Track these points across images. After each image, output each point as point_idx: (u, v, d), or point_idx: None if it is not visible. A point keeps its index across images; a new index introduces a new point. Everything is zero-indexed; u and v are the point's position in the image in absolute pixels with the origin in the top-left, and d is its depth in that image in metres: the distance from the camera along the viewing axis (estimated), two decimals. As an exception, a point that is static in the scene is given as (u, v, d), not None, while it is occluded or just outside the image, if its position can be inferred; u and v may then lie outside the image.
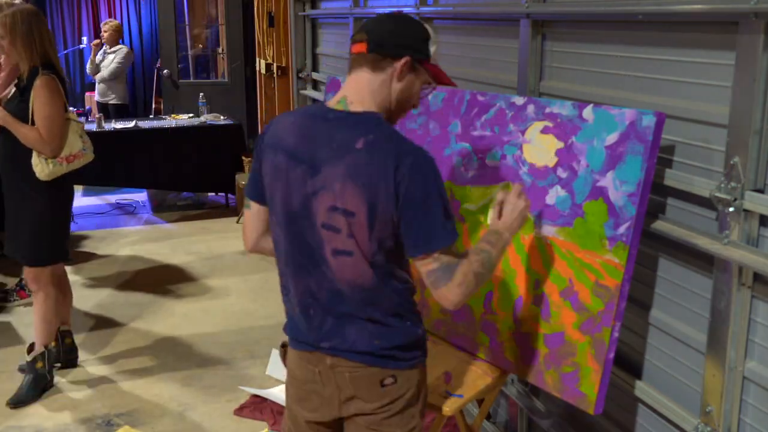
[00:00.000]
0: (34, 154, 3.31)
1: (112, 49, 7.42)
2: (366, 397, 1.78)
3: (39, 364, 3.53)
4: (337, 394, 1.80)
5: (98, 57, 7.45)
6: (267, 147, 1.77)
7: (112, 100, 7.42)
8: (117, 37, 7.51)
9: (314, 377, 1.82)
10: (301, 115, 1.79)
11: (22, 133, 3.28)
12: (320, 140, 1.68)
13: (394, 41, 1.71)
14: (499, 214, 1.88)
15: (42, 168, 3.31)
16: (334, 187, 1.64)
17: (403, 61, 1.70)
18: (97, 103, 7.61)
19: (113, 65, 7.29)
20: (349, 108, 1.71)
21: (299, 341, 1.84)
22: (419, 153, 1.63)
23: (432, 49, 1.75)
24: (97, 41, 7.55)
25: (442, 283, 1.65)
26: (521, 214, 1.86)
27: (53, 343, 3.59)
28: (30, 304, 4.41)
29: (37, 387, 3.52)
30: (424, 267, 1.66)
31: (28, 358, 3.54)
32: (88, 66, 7.60)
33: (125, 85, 7.63)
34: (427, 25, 1.79)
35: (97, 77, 7.41)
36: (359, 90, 1.73)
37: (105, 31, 7.44)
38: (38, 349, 3.54)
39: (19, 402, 3.46)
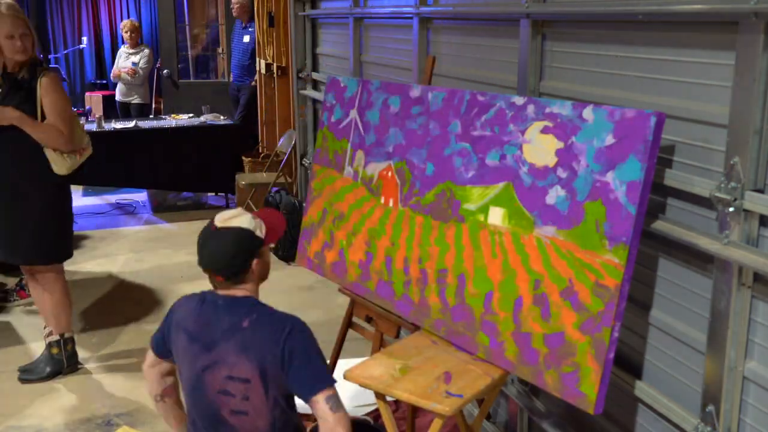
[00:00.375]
0: (49, 151, 3.31)
1: (135, 50, 7.51)
2: None
3: (54, 350, 3.58)
4: None
5: (119, 58, 7.58)
6: (174, 327, 2.20)
7: (135, 99, 7.55)
8: (138, 37, 7.61)
9: None
10: (197, 301, 2.17)
11: (42, 130, 3.27)
12: (213, 323, 2.07)
13: (239, 263, 2.07)
14: None
15: (62, 163, 3.34)
16: (228, 360, 2.01)
17: (254, 264, 2.08)
18: (118, 102, 7.74)
19: (143, 65, 7.42)
20: (232, 295, 2.10)
21: None
22: (289, 320, 2.03)
23: (258, 232, 2.10)
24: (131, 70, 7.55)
25: (340, 411, 1.97)
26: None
27: (68, 333, 3.64)
28: (30, 304, 4.43)
29: (49, 365, 3.57)
30: (319, 404, 1.97)
31: (46, 341, 3.62)
32: (113, 72, 7.75)
33: (147, 84, 7.73)
34: (242, 222, 2.10)
35: (123, 82, 7.51)
36: (232, 292, 2.11)
37: (126, 31, 7.56)
38: (55, 336, 3.59)
39: (26, 371, 3.56)
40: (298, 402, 2.10)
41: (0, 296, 4.60)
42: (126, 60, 7.55)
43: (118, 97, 7.76)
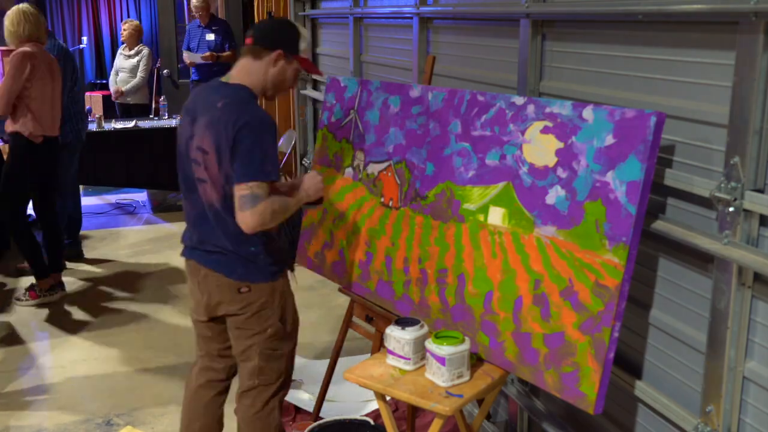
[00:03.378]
0: None
1: (133, 50, 7.31)
2: (228, 301, 2.37)
3: None
4: (209, 299, 2.40)
5: (117, 60, 7.44)
6: (183, 108, 2.44)
7: (134, 99, 7.36)
8: (138, 38, 7.38)
9: (196, 287, 2.43)
10: (203, 85, 2.42)
11: None
12: (202, 101, 2.32)
13: (271, 37, 2.34)
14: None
15: None
16: (200, 133, 2.26)
17: (277, 52, 2.31)
18: (117, 104, 7.53)
19: (142, 71, 7.25)
20: (228, 81, 2.34)
21: (186, 248, 2.47)
22: (257, 116, 2.22)
23: (302, 45, 2.37)
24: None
25: (246, 207, 2.17)
26: (317, 186, 2.44)
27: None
28: (40, 306, 4.47)
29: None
30: (239, 192, 2.18)
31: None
32: (111, 77, 7.54)
33: (147, 84, 7.60)
34: (301, 28, 2.41)
35: (120, 84, 7.33)
36: (240, 71, 2.34)
37: (125, 30, 7.36)
38: None
39: None
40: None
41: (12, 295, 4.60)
42: (124, 61, 7.38)
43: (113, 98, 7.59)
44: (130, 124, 6.60)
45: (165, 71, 8.47)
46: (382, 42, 4.18)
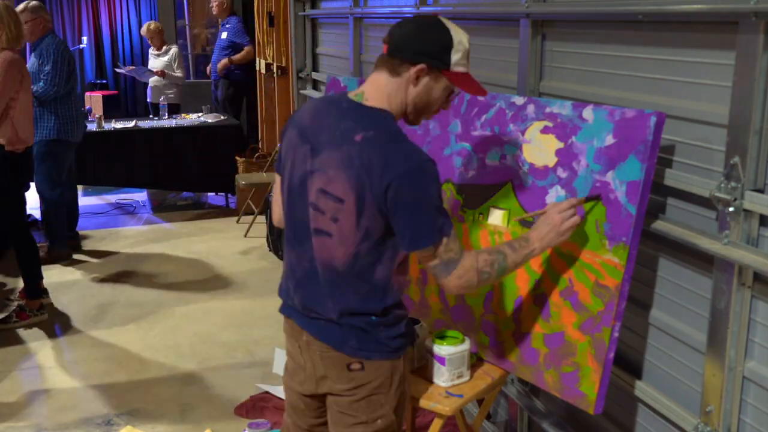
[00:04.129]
0: None
1: (163, 50, 7.45)
2: (335, 378, 1.88)
3: None
4: (313, 370, 1.92)
5: (150, 61, 7.57)
6: (290, 123, 1.92)
7: (169, 100, 7.37)
8: (162, 38, 7.50)
9: (297, 351, 1.96)
10: (323, 98, 1.91)
11: None
12: (327, 125, 1.78)
13: (412, 47, 1.76)
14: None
15: None
16: (328, 172, 1.75)
17: (418, 68, 1.75)
18: (150, 104, 7.64)
19: (177, 68, 7.38)
20: (364, 102, 1.79)
21: (285, 305, 2.00)
22: (414, 157, 1.70)
23: (455, 57, 1.77)
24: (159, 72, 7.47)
25: (442, 276, 1.77)
26: (557, 231, 1.92)
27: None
28: (33, 325, 4.29)
29: None
30: (426, 262, 1.77)
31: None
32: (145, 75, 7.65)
33: (180, 84, 7.66)
34: (455, 31, 1.78)
35: (152, 79, 7.45)
36: (377, 89, 1.80)
37: (149, 36, 7.44)
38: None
39: None
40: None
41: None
42: (155, 60, 7.49)
43: (149, 99, 7.68)
44: (130, 124, 6.60)
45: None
46: (379, 43, 4.17)
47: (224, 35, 7.45)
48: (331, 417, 1.94)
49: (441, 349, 2.17)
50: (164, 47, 7.47)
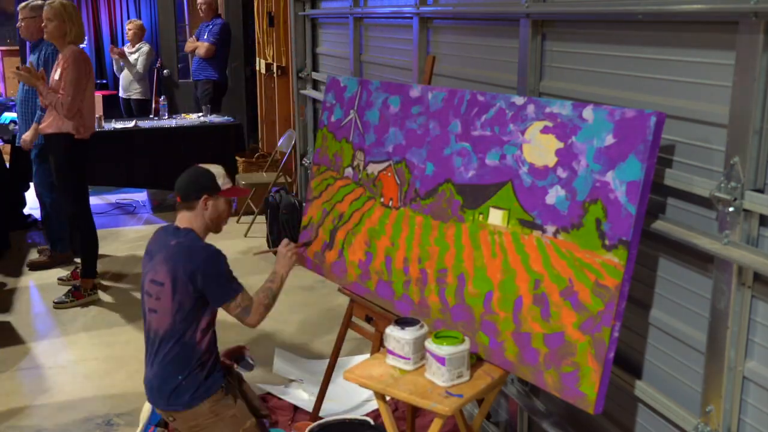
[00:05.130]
0: None
1: (135, 48, 7.63)
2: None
3: None
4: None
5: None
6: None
7: (134, 95, 7.67)
8: (140, 36, 7.73)
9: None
10: (160, 229, 2.71)
11: None
12: (157, 242, 2.64)
13: (193, 190, 2.62)
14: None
15: None
16: (155, 267, 2.54)
17: (203, 199, 2.60)
18: (121, 99, 7.87)
19: (141, 60, 7.59)
20: (178, 225, 2.64)
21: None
22: (209, 248, 2.54)
23: (220, 181, 2.66)
24: (118, 50, 7.81)
25: (245, 317, 2.57)
26: (289, 260, 2.79)
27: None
28: (88, 304, 4.57)
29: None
30: (233, 311, 2.56)
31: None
32: (114, 66, 8.01)
33: (147, 81, 7.82)
34: (211, 167, 2.71)
35: (122, 75, 7.72)
36: (183, 221, 2.63)
37: (129, 30, 7.71)
38: None
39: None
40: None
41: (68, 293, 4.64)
42: (129, 57, 7.67)
43: (120, 94, 7.88)
44: (130, 124, 6.60)
45: (165, 71, 8.47)
46: (382, 42, 4.18)
47: (206, 36, 7.42)
48: None
49: (441, 349, 2.17)
50: (137, 45, 7.67)
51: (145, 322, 2.59)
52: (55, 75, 4.40)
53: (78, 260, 4.93)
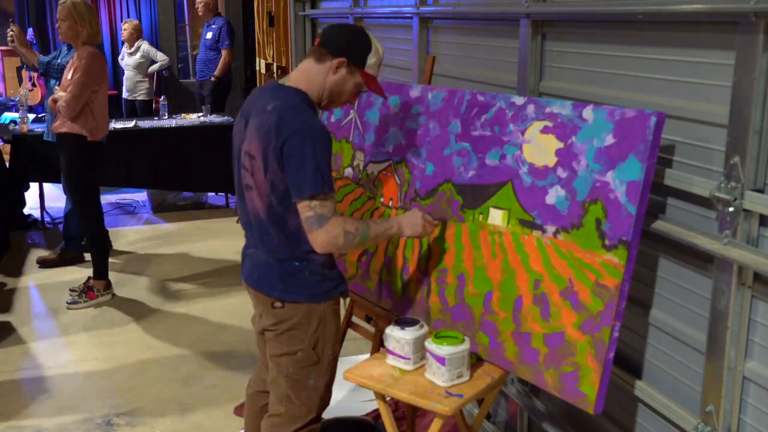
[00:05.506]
0: None
1: (134, 47, 7.59)
2: (264, 315, 2.26)
3: None
4: (256, 311, 2.34)
5: (120, 57, 7.77)
6: (240, 112, 2.29)
7: (140, 96, 7.64)
8: (137, 36, 7.66)
9: (252, 299, 2.35)
10: (259, 88, 2.30)
11: None
12: (254, 103, 2.19)
13: (338, 43, 2.17)
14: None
15: None
16: (248, 136, 2.14)
17: (339, 59, 2.16)
18: (124, 100, 7.80)
19: (159, 55, 7.60)
20: (285, 83, 2.19)
21: (242, 265, 2.38)
22: (308, 122, 2.06)
23: (371, 60, 2.23)
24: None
25: (314, 228, 2.05)
26: (413, 224, 2.28)
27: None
28: (101, 305, 4.55)
29: None
30: (303, 213, 2.06)
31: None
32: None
33: (152, 81, 7.80)
34: (375, 42, 2.27)
35: (126, 76, 7.67)
36: (301, 72, 2.19)
37: (125, 30, 7.64)
38: None
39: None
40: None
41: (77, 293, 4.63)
42: (128, 58, 7.66)
43: (124, 95, 7.84)
44: (130, 124, 6.60)
45: (165, 71, 8.47)
46: (382, 42, 4.15)
47: (209, 35, 7.53)
48: (267, 349, 2.31)
49: (441, 349, 2.17)
50: (136, 44, 7.62)
51: (244, 200, 2.23)
52: (68, 75, 4.37)
53: (89, 258, 4.93)
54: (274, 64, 6.74)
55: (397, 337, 2.26)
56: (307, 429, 2.27)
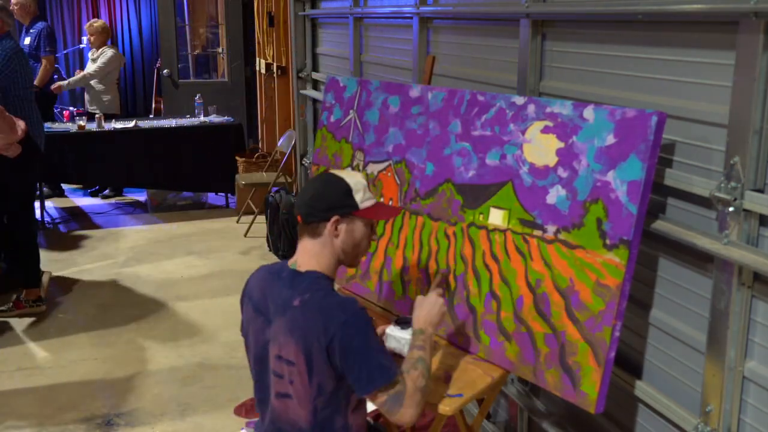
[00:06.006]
0: None
1: (98, 52, 6.92)
2: None
3: None
4: None
5: (87, 64, 7.05)
6: (245, 296, 2.07)
7: (103, 110, 6.78)
8: (103, 39, 6.96)
9: None
10: (267, 270, 2.04)
11: None
12: (273, 296, 1.94)
13: (319, 208, 1.94)
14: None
15: None
16: (279, 339, 1.88)
17: (332, 221, 1.93)
18: (86, 112, 7.10)
19: (95, 69, 6.81)
20: (298, 269, 1.96)
21: None
22: (349, 306, 1.84)
23: (358, 196, 1.96)
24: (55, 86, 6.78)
25: (395, 410, 1.82)
26: (440, 310, 2.03)
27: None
28: (29, 315, 4.36)
29: None
30: (376, 401, 1.83)
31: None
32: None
33: (117, 92, 7.11)
34: (347, 176, 1.98)
35: (88, 88, 6.98)
36: (306, 254, 1.96)
37: (91, 34, 6.90)
38: None
39: None
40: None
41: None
42: (91, 64, 6.95)
43: (86, 106, 7.12)
44: (130, 124, 6.60)
45: (165, 71, 8.47)
46: (382, 42, 4.18)
47: (27, 41, 6.55)
48: None
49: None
50: (101, 49, 6.90)
51: (266, 403, 1.99)
52: None
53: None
54: (274, 64, 6.74)
55: (397, 337, 2.26)
56: None
